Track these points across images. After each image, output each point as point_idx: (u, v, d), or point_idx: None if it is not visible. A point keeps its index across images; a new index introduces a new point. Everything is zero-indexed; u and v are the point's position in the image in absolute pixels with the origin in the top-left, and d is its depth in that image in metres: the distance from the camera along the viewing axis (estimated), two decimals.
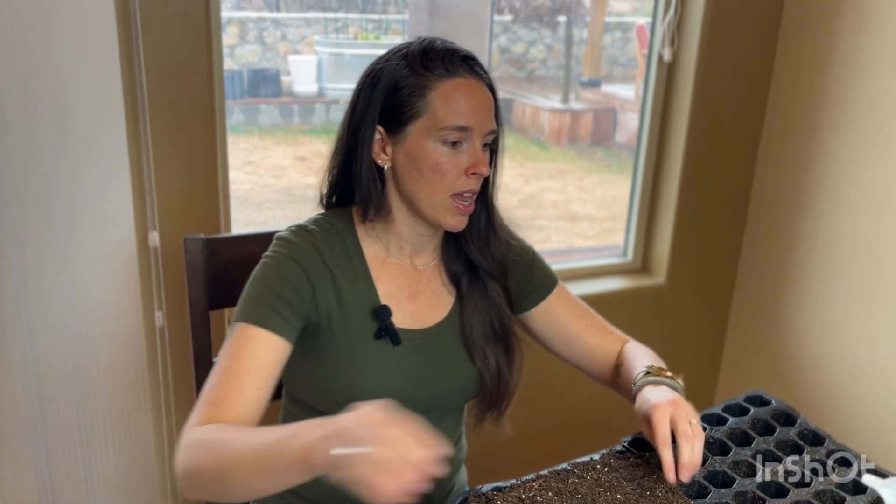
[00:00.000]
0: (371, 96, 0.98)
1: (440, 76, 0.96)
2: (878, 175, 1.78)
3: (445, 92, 0.96)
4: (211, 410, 0.90)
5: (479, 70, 0.99)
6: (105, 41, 1.30)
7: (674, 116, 2.00)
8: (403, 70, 0.97)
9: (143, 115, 1.40)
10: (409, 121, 0.97)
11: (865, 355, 1.86)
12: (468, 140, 0.97)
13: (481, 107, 0.97)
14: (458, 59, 0.97)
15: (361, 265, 1.03)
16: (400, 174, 1.00)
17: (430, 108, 0.96)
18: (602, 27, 2.60)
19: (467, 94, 0.96)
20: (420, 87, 0.96)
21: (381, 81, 0.98)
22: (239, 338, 0.94)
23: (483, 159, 0.98)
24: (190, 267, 1.21)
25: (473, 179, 0.98)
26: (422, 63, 0.97)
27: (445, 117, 0.95)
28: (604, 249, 2.31)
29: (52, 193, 1.32)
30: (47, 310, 1.37)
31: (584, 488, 0.96)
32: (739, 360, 2.24)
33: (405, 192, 1.01)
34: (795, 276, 2.01)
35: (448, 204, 0.99)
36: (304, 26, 2.73)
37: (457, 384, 1.09)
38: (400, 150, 0.99)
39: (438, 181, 0.97)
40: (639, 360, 1.07)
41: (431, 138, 0.96)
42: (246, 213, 2.38)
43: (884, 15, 1.73)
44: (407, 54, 0.98)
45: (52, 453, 1.44)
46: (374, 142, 1.00)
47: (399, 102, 0.97)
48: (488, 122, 0.98)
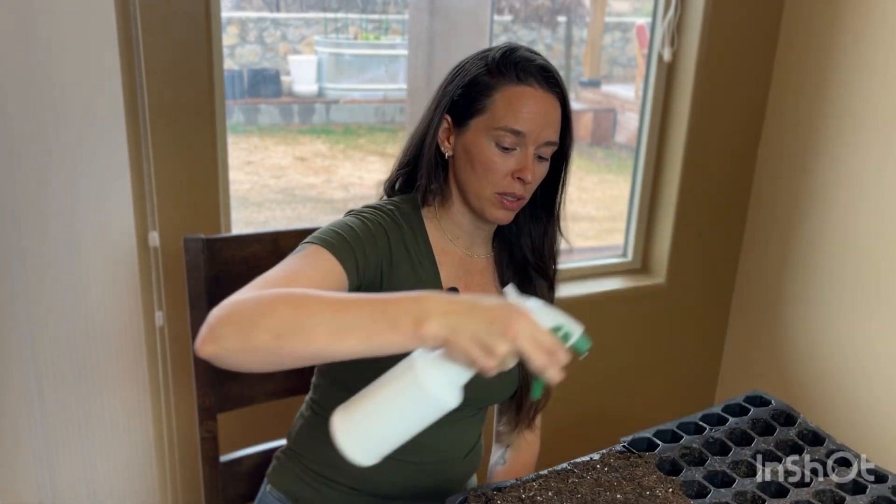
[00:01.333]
0: (448, 89, 1.05)
1: (510, 81, 1.00)
2: (878, 175, 1.78)
3: (510, 95, 1.00)
4: (259, 283, 0.86)
5: (553, 83, 1.02)
6: (105, 41, 1.30)
7: (674, 116, 2.00)
8: (481, 69, 1.02)
9: (143, 115, 1.40)
10: (473, 115, 1.02)
11: (865, 355, 1.86)
12: (522, 146, 1.01)
13: (541, 116, 1.00)
14: (533, 69, 1.01)
15: (427, 248, 1.07)
16: (457, 164, 1.06)
17: (493, 107, 1.01)
18: (602, 27, 2.60)
19: (529, 102, 1.00)
20: (490, 86, 1.01)
21: (459, 76, 1.04)
22: (309, 254, 0.94)
23: (529, 166, 1.01)
24: (190, 267, 1.21)
25: (518, 184, 1.02)
26: (498, 66, 1.01)
27: (503, 118, 1.00)
28: (604, 249, 2.31)
29: (52, 194, 1.32)
30: (47, 310, 1.37)
31: (584, 488, 0.96)
32: (739, 361, 2.24)
33: (459, 181, 1.06)
34: (795, 276, 2.01)
35: (494, 199, 1.03)
36: (304, 26, 2.73)
37: (497, 381, 1.10)
38: (460, 142, 1.04)
39: (486, 177, 1.02)
40: None
41: (487, 136, 1.01)
42: (246, 213, 2.38)
43: (884, 15, 1.73)
44: (488, 56, 1.03)
45: (52, 453, 1.44)
46: (441, 130, 1.05)
47: (469, 97, 1.02)
48: (546, 132, 1.01)
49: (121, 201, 1.39)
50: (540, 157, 1.03)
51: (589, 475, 0.98)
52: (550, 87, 1.02)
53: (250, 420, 1.46)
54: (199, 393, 1.24)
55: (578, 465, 1.00)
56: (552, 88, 1.02)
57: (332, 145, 2.84)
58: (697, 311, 2.20)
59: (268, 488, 1.20)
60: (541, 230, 1.12)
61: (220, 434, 1.28)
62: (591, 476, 0.98)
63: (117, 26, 1.30)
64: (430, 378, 0.76)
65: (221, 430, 1.28)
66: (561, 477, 0.98)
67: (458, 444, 1.14)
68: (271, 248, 1.27)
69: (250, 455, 1.33)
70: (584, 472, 0.99)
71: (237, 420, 1.39)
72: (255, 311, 0.77)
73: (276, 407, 1.37)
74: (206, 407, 1.25)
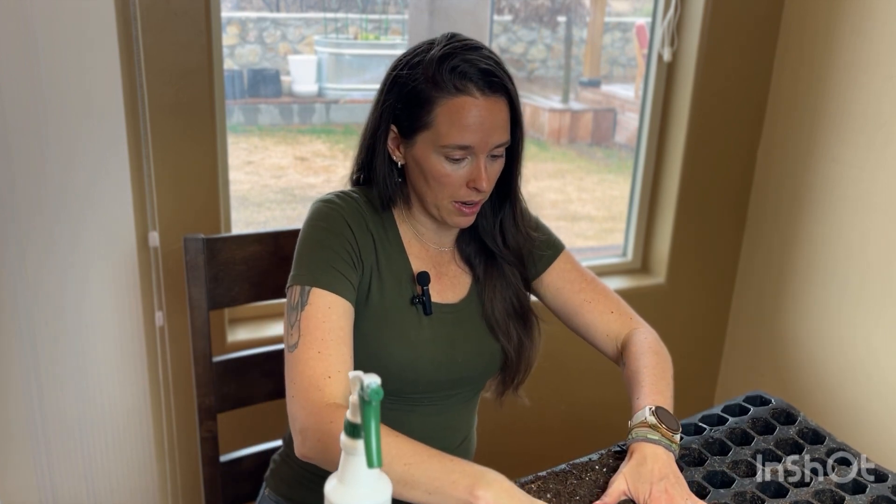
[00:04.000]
0: (388, 98, 1.01)
1: (448, 94, 0.96)
2: (878, 175, 1.78)
3: (451, 110, 0.96)
4: (320, 387, 0.92)
5: (496, 86, 0.98)
6: (105, 41, 1.30)
7: (674, 116, 2.00)
8: (418, 78, 0.98)
9: (143, 115, 1.40)
10: (416, 131, 1.00)
11: (865, 355, 1.86)
12: (472, 155, 0.99)
13: (487, 125, 0.97)
14: (472, 75, 0.96)
15: (395, 237, 1.08)
16: (410, 173, 1.05)
17: (436, 123, 0.97)
18: (602, 27, 2.60)
19: (472, 113, 0.96)
20: (430, 100, 0.97)
21: (397, 86, 1.00)
22: (319, 306, 0.96)
23: (483, 175, 0.99)
24: (190, 267, 1.21)
25: (474, 192, 1.01)
26: (434, 76, 0.97)
27: (448, 135, 0.97)
28: (603, 249, 2.31)
29: (52, 194, 1.32)
30: (47, 310, 1.37)
31: (583, 489, 0.96)
32: (739, 361, 2.24)
33: (416, 190, 1.06)
34: (795, 275, 2.01)
35: (451, 207, 1.02)
36: (304, 26, 2.73)
37: (480, 361, 1.13)
38: (410, 154, 1.02)
39: (440, 189, 1.01)
40: (642, 384, 1.04)
41: (435, 152, 0.99)
42: (246, 213, 2.38)
43: (884, 15, 1.73)
44: (425, 61, 0.98)
45: (52, 453, 1.44)
46: (390, 139, 1.03)
47: (411, 112, 0.99)
48: (495, 137, 0.99)
49: (121, 201, 1.39)
50: (493, 156, 1.01)
51: (587, 476, 0.98)
52: (493, 90, 0.97)
53: (250, 420, 1.46)
54: (199, 393, 1.24)
55: (577, 466, 1.01)
56: (495, 92, 0.97)
57: (332, 145, 2.84)
58: (697, 311, 2.20)
59: (266, 492, 1.20)
60: (505, 218, 1.10)
61: (220, 434, 1.28)
62: (590, 477, 0.98)
63: (117, 26, 1.30)
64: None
65: (221, 430, 1.29)
66: (560, 478, 0.98)
67: (451, 432, 1.15)
68: (271, 248, 1.27)
69: (250, 455, 1.33)
70: (582, 474, 0.99)
71: (237, 420, 1.39)
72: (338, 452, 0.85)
73: (276, 407, 1.37)
74: (206, 407, 1.25)
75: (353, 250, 1.02)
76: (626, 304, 1.18)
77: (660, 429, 0.96)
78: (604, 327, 1.15)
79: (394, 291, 1.06)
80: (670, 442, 0.96)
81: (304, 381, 0.92)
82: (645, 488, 0.91)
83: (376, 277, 1.05)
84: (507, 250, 1.11)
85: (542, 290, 1.18)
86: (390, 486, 0.70)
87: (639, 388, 1.03)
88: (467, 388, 1.14)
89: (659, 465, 0.93)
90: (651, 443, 0.96)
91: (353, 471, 0.68)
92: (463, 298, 1.12)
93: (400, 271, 1.07)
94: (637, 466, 0.93)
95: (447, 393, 1.11)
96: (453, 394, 1.12)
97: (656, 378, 1.05)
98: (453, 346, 1.09)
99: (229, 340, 1.63)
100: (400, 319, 1.05)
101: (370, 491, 0.68)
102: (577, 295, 1.16)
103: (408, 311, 1.06)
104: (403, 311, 1.06)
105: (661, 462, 0.94)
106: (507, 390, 1.18)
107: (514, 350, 1.13)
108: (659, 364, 1.08)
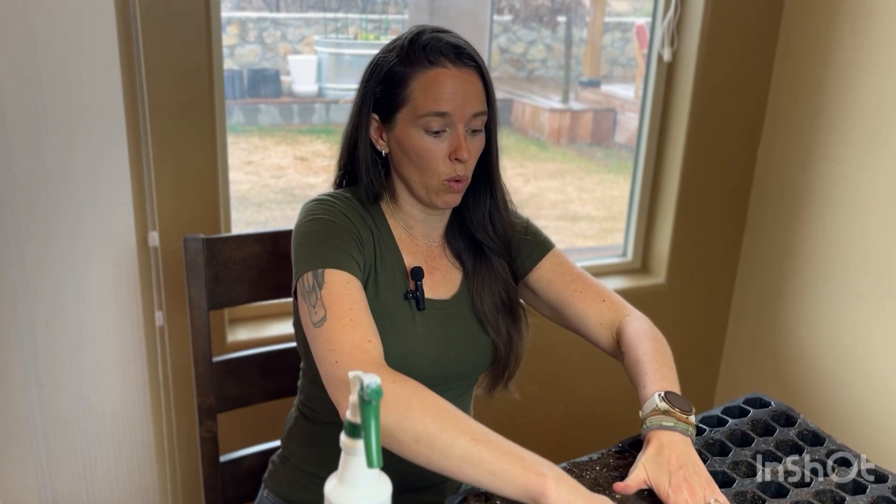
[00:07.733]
0: (367, 86, 1.05)
1: (422, 66, 1.00)
2: (878, 175, 1.78)
3: (425, 81, 1.00)
4: (366, 349, 0.92)
5: (465, 57, 1.02)
6: (105, 41, 1.30)
7: (673, 116, 2.00)
8: (393, 61, 1.02)
9: (143, 115, 1.40)
10: (395, 109, 1.03)
11: (865, 355, 1.86)
12: (451, 126, 1.01)
13: (461, 93, 1.00)
14: (443, 48, 1.01)
15: (387, 232, 1.09)
16: (395, 159, 1.06)
17: (413, 96, 1.01)
18: (602, 27, 2.60)
19: (446, 82, 1.00)
20: (405, 76, 1.01)
21: (375, 73, 1.04)
22: (337, 282, 0.97)
23: (463, 144, 1.01)
24: (190, 267, 1.21)
25: (459, 165, 1.02)
26: (407, 55, 1.01)
27: (424, 104, 1.00)
28: (603, 249, 2.31)
29: (52, 193, 1.32)
30: (47, 309, 1.37)
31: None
32: (739, 361, 2.24)
33: (402, 175, 1.06)
34: (795, 276, 2.01)
35: (439, 185, 1.04)
36: (304, 26, 2.73)
37: (472, 355, 1.13)
38: (392, 137, 1.05)
39: (427, 167, 1.02)
40: (645, 372, 1.03)
41: (415, 126, 1.01)
42: (246, 213, 2.38)
43: (884, 15, 1.73)
44: (397, 45, 1.03)
45: (52, 453, 1.44)
46: (373, 129, 1.06)
47: (389, 92, 1.03)
48: (471, 106, 1.01)
49: (121, 201, 1.39)
50: (473, 130, 1.03)
51: (587, 475, 0.98)
52: (464, 62, 1.01)
53: (250, 420, 1.46)
54: (199, 393, 1.24)
55: (577, 465, 1.00)
56: (466, 63, 1.01)
57: (332, 145, 2.84)
58: (697, 311, 2.20)
59: (265, 493, 1.20)
60: (487, 205, 1.12)
61: (220, 434, 1.28)
62: (590, 476, 0.98)
63: (117, 26, 1.30)
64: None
65: (221, 430, 1.29)
66: None
67: None
68: (271, 248, 1.27)
69: (250, 455, 1.33)
70: (582, 473, 0.99)
71: (237, 420, 1.39)
72: (404, 413, 0.85)
73: (276, 407, 1.37)
74: (206, 407, 1.25)
75: (357, 237, 1.03)
76: (618, 295, 1.19)
77: (673, 413, 0.96)
78: (596, 316, 1.15)
79: (388, 287, 1.06)
80: (686, 425, 0.96)
81: (345, 346, 0.92)
82: (664, 478, 0.91)
83: (373, 272, 1.05)
84: (496, 238, 1.12)
85: (534, 284, 1.18)
86: (390, 486, 0.70)
87: (643, 376, 1.03)
88: (460, 382, 1.14)
89: (676, 454, 0.93)
90: (667, 430, 0.95)
91: (353, 471, 0.68)
92: (454, 295, 1.12)
93: (393, 267, 1.07)
94: (655, 456, 0.93)
95: (441, 388, 1.10)
96: (446, 389, 1.11)
97: (659, 364, 1.05)
98: (446, 342, 1.09)
99: (229, 340, 1.63)
100: (394, 315, 1.06)
101: (370, 491, 0.68)
102: (569, 286, 1.16)
103: (401, 307, 1.07)
104: (397, 306, 1.06)
105: (678, 450, 0.93)
106: (497, 385, 1.18)
107: (504, 344, 1.14)
108: (658, 350, 1.08)
